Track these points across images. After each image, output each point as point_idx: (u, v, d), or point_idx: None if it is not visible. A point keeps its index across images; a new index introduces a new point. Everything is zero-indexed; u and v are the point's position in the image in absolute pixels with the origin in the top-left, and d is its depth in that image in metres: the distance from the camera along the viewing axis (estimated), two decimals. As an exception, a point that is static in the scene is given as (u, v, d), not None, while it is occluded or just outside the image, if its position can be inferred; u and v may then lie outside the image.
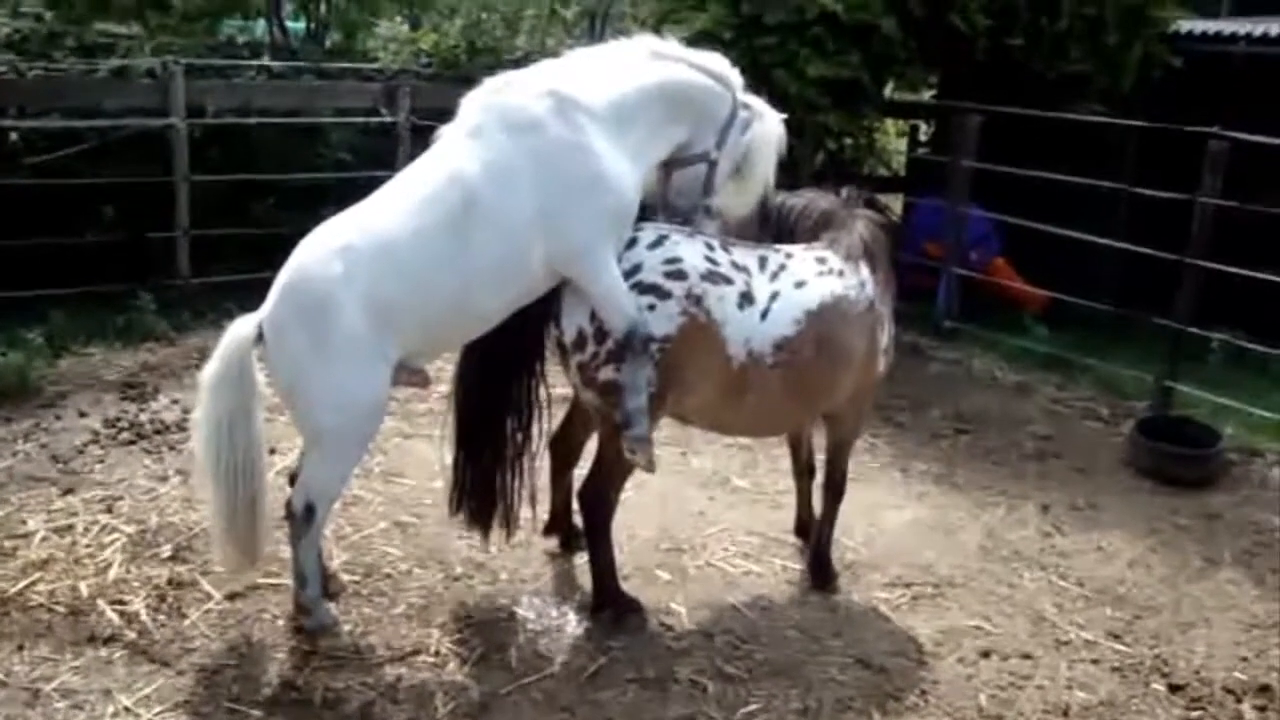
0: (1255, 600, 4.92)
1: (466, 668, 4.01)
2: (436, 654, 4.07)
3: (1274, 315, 6.98)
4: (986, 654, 4.35)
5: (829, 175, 7.22)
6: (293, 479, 4.15)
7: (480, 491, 4.39)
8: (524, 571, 4.68)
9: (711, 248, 4.14)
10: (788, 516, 5.18)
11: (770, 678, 4.07)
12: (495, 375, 4.28)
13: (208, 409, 3.91)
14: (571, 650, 4.15)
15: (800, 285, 4.23)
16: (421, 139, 4.55)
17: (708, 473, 5.83)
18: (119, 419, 5.97)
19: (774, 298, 4.16)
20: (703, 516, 5.31)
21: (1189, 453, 6.24)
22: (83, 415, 6.02)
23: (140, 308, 7.38)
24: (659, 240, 4.08)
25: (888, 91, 9.36)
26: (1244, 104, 7.75)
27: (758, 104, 4.37)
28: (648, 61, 4.15)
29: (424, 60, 9.58)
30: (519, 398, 4.33)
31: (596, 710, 3.82)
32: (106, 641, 4.01)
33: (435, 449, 4.74)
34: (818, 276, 4.30)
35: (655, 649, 4.19)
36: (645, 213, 4.22)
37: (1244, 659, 4.45)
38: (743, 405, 4.24)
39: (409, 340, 3.90)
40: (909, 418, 6.87)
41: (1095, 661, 4.36)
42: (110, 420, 5.95)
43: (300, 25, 11.74)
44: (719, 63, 4.29)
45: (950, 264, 8.56)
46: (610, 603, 4.32)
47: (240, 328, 3.90)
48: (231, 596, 4.32)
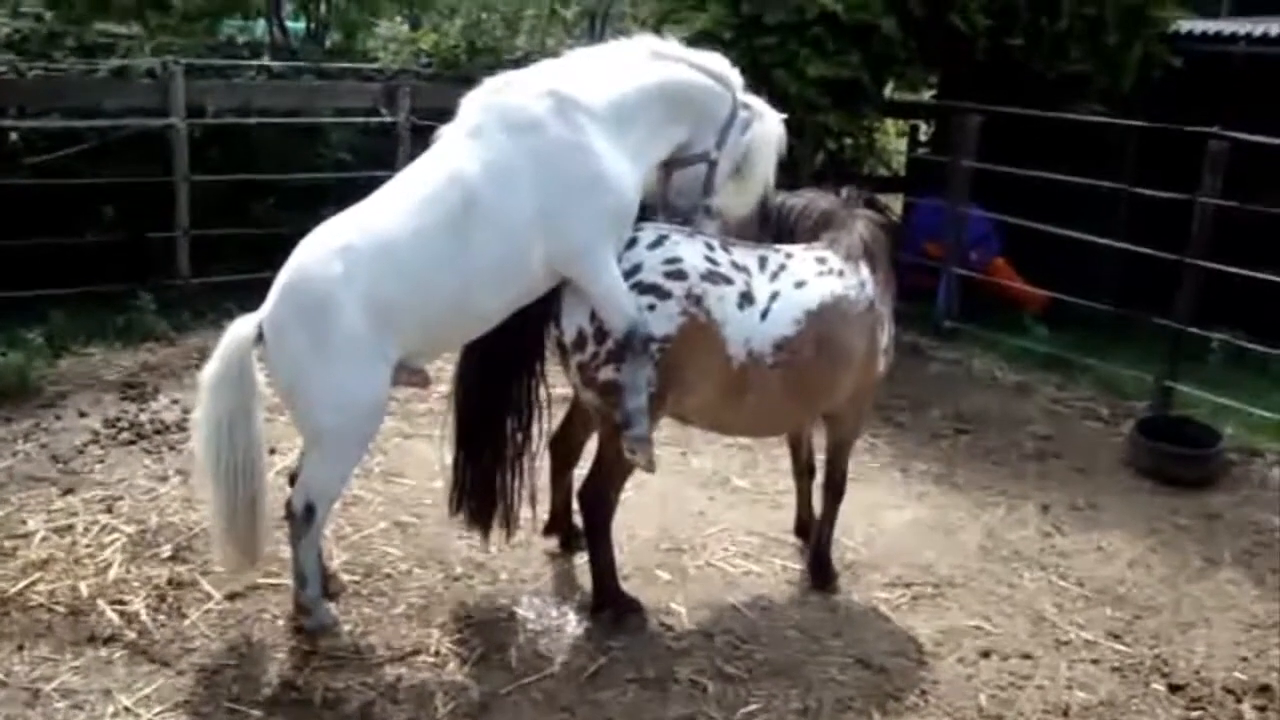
0: (1255, 600, 4.92)
1: (466, 668, 4.01)
2: (436, 654, 4.07)
3: (1274, 315, 6.98)
4: (986, 654, 4.35)
5: (829, 175, 7.22)
6: (293, 479, 4.15)
7: (480, 491, 4.40)
8: (524, 571, 4.68)
9: (711, 248, 4.14)
10: (788, 516, 5.18)
11: (770, 678, 4.07)
12: (495, 375, 4.28)
13: (208, 409, 3.91)
14: (571, 650, 4.15)
15: (800, 285, 4.23)
16: (421, 139, 4.55)
17: (708, 473, 5.83)
18: (119, 419, 5.97)
19: (774, 298, 4.16)
20: (703, 516, 5.31)
21: (1189, 453, 6.24)
22: (83, 415, 6.02)
23: (140, 308, 7.38)
24: (659, 240, 4.08)
25: (888, 91, 9.36)
26: (1244, 104, 7.75)
27: (758, 104, 4.37)
28: (648, 61, 4.15)
29: (424, 60, 9.58)
30: (519, 398, 4.33)
31: (596, 710, 3.82)
32: (106, 641, 4.01)
33: (435, 449, 4.74)
34: (818, 276, 4.30)
35: (655, 649, 4.19)
36: (645, 212, 4.22)
37: (1244, 659, 4.45)
38: (743, 405, 4.24)
39: (409, 340, 3.90)
40: (909, 418, 6.87)
41: (1095, 661, 4.37)
42: (110, 420, 5.95)
43: (300, 25, 11.74)
44: (719, 62, 4.29)
45: (950, 264, 8.56)
46: (610, 603, 4.32)
47: (240, 328, 3.90)
48: (231, 596, 4.32)
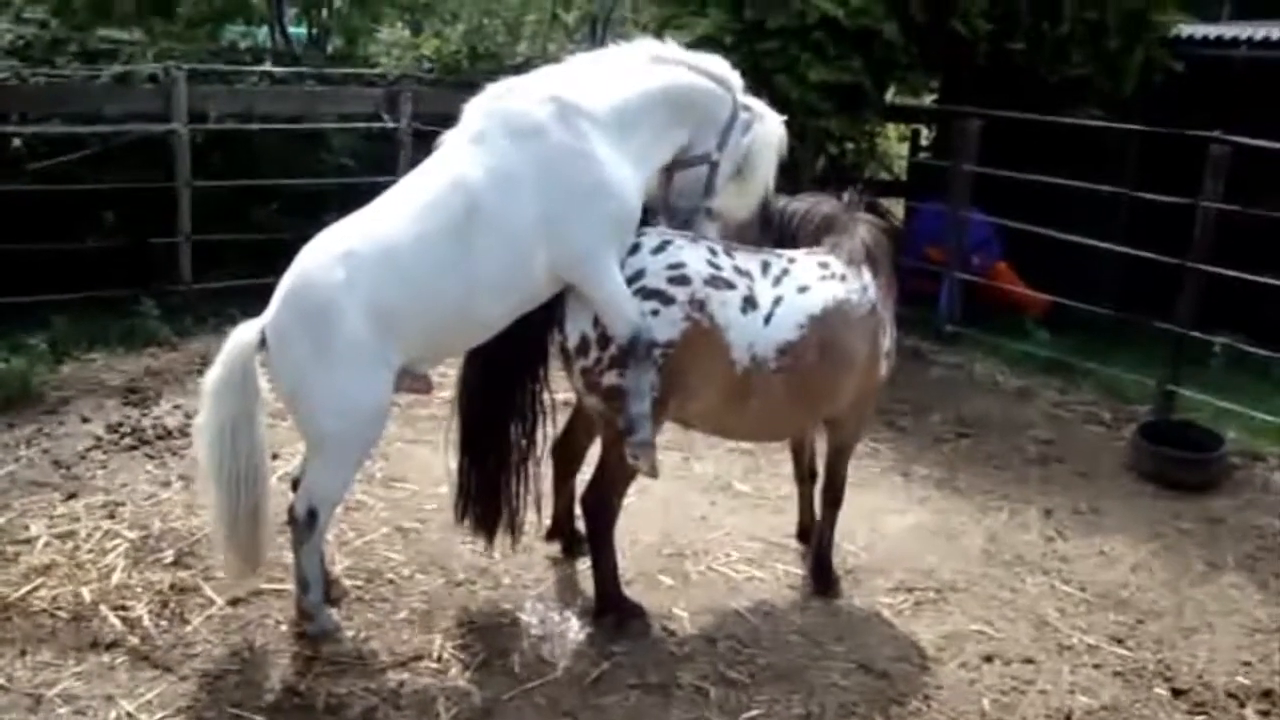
0: (1258, 604, 4.92)
1: (469, 673, 4.00)
2: (439, 659, 4.07)
3: (1275, 319, 6.98)
4: (989, 659, 4.35)
5: (830, 180, 7.20)
6: (295, 484, 4.15)
7: (485, 497, 4.40)
8: (526, 577, 4.68)
9: (714, 253, 4.14)
10: (790, 521, 5.18)
11: (773, 683, 4.06)
12: (499, 381, 4.28)
13: (210, 414, 3.91)
14: (574, 655, 4.15)
15: (803, 290, 4.23)
16: (423, 144, 4.55)
17: (710, 478, 5.82)
18: (121, 424, 5.97)
19: (777, 302, 4.16)
20: (705, 521, 5.31)
21: (1192, 457, 6.24)
22: (85, 421, 6.02)
23: (142, 313, 7.37)
24: (662, 245, 4.08)
25: (889, 96, 9.37)
26: (1245, 108, 7.75)
27: (758, 105, 4.38)
28: (649, 66, 4.16)
29: (426, 66, 9.60)
30: (523, 403, 4.33)
31: (599, 715, 3.82)
32: (109, 647, 4.01)
33: (437, 454, 4.75)
34: (820, 281, 4.30)
35: (658, 654, 4.19)
36: (646, 214, 4.22)
37: (1247, 663, 4.45)
38: (746, 410, 4.24)
39: (411, 346, 3.90)
40: (911, 422, 6.87)
41: (1098, 666, 4.36)
42: (113, 425, 5.95)
43: (302, 31, 11.76)
44: (719, 65, 4.29)
45: (952, 268, 8.56)
46: (613, 608, 4.32)
47: (243, 333, 3.90)
48: (234, 602, 4.32)
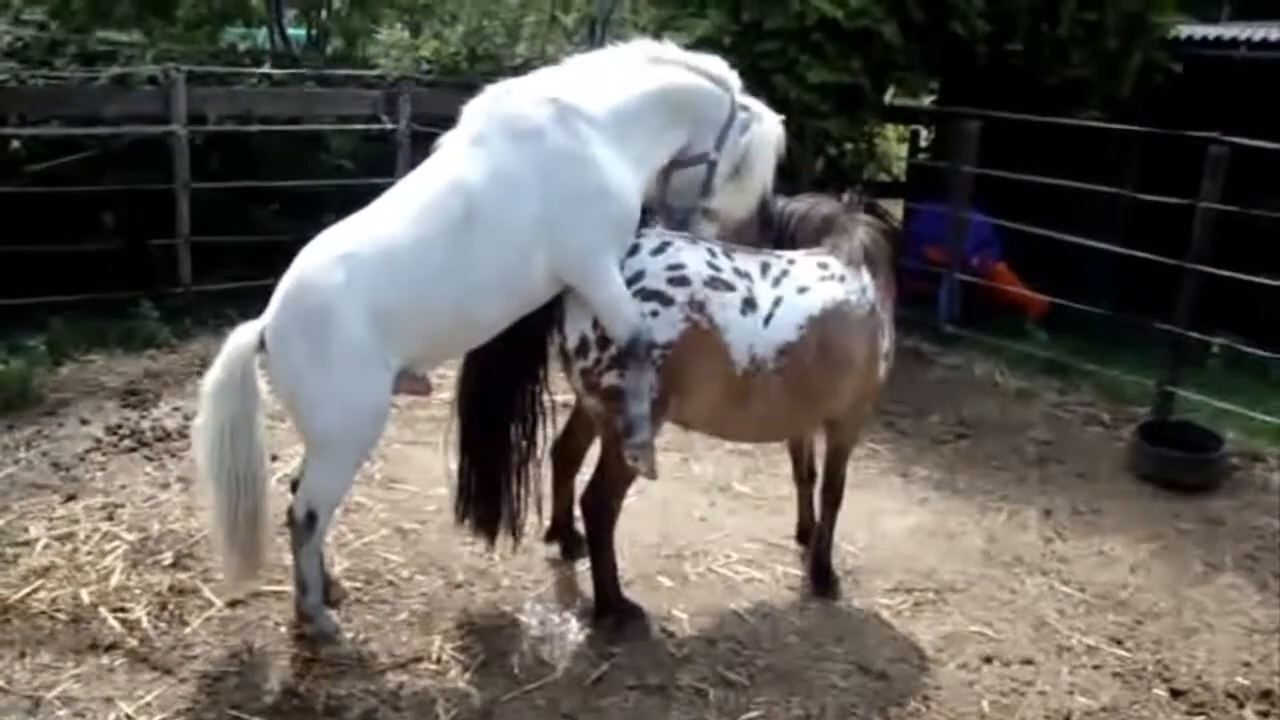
0: (1257, 605, 4.92)
1: (468, 675, 4.00)
2: (438, 661, 4.07)
3: (1274, 320, 6.98)
4: (988, 660, 4.35)
5: (830, 181, 7.22)
6: (294, 486, 4.15)
7: (485, 498, 4.40)
8: (526, 578, 4.68)
9: (714, 254, 4.14)
10: (789, 522, 5.18)
11: (772, 684, 4.07)
12: (498, 382, 4.28)
13: (209, 416, 3.91)
14: (573, 657, 4.15)
15: (803, 291, 4.24)
16: (422, 146, 4.55)
17: (709, 479, 5.82)
18: (120, 426, 5.97)
19: (777, 303, 4.16)
20: (704, 523, 5.31)
21: (1191, 458, 6.24)
22: (84, 423, 6.02)
23: (142, 315, 7.37)
24: (662, 247, 4.08)
25: (888, 97, 9.38)
26: (1245, 108, 7.75)
27: (756, 105, 4.38)
28: (647, 67, 4.16)
29: (425, 67, 9.59)
30: (522, 404, 4.34)
31: (598, 717, 3.82)
32: (108, 649, 4.01)
33: (436, 456, 4.74)
34: (820, 282, 4.30)
35: (657, 656, 4.19)
36: (644, 214, 4.21)
37: (1246, 664, 4.45)
38: (745, 411, 4.24)
39: (410, 347, 3.90)
40: (910, 423, 6.87)
41: (1097, 667, 4.36)
42: (112, 428, 5.95)
43: (301, 32, 11.75)
44: (717, 65, 4.29)
45: (951, 269, 8.56)
46: (612, 609, 4.32)
47: (242, 335, 3.90)
48: (233, 604, 4.32)
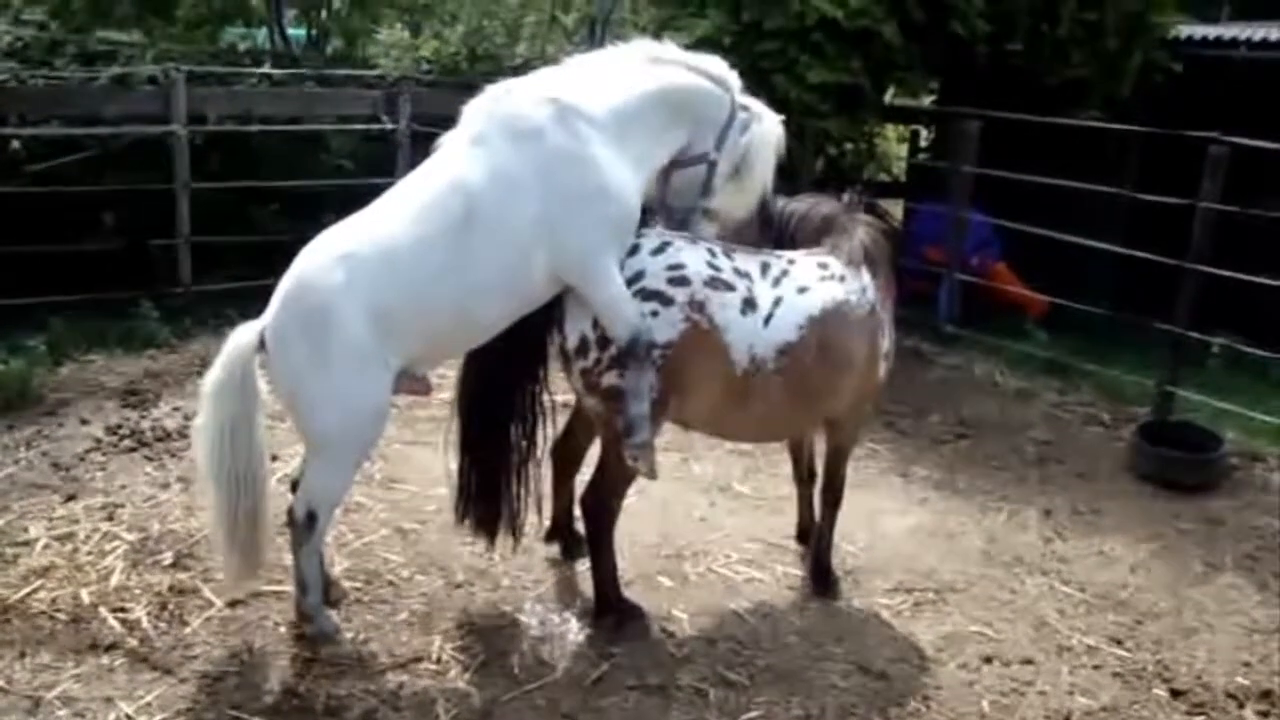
0: (1257, 605, 4.92)
1: (468, 675, 4.00)
2: (438, 661, 4.07)
3: (1274, 320, 6.98)
4: (988, 660, 4.35)
5: (830, 181, 7.22)
6: (294, 486, 4.15)
7: (486, 498, 4.40)
8: (526, 578, 4.68)
9: (714, 254, 4.14)
10: (789, 522, 5.18)
11: (772, 684, 4.07)
12: (498, 382, 4.28)
13: (209, 416, 3.91)
14: (573, 657, 4.15)
15: (803, 291, 4.23)
16: (422, 146, 4.55)
17: (709, 479, 5.82)
18: (120, 426, 5.97)
19: (777, 303, 4.16)
20: (704, 523, 5.31)
21: (1191, 457, 6.24)
22: (84, 423, 6.02)
23: (142, 315, 7.37)
24: (662, 247, 4.08)
25: (888, 97, 9.38)
26: (1244, 108, 7.75)
27: (756, 105, 4.38)
28: (647, 67, 4.16)
29: (425, 67, 9.59)
30: (522, 404, 4.34)
31: (598, 717, 3.82)
32: (108, 649, 4.01)
33: (436, 456, 4.74)
34: (820, 282, 4.30)
35: (657, 656, 4.19)
36: (644, 214, 4.21)
37: (1246, 664, 4.45)
38: (745, 411, 4.24)
39: (410, 347, 3.90)
40: (910, 423, 6.87)
41: (1097, 667, 4.36)
42: (112, 427, 5.95)
43: (301, 32, 11.75)
44: (717, 65, 4.29)
45: (951, 269, 8.57)
46: (612, 609, 4.32)
47: (242, 335, 3.90)
48: (233, 604, 4.32)
